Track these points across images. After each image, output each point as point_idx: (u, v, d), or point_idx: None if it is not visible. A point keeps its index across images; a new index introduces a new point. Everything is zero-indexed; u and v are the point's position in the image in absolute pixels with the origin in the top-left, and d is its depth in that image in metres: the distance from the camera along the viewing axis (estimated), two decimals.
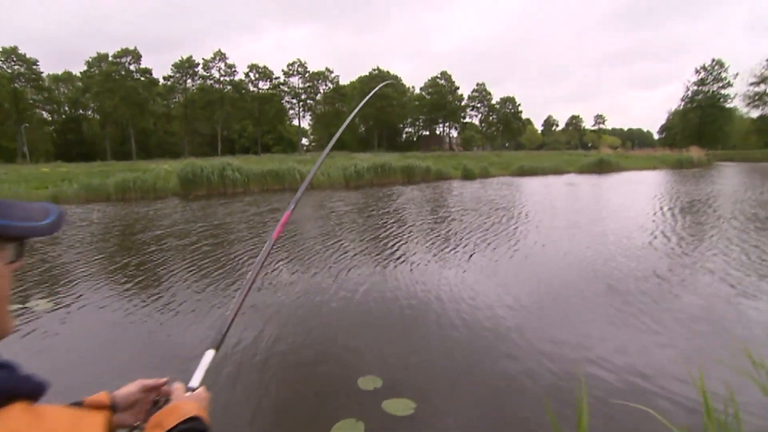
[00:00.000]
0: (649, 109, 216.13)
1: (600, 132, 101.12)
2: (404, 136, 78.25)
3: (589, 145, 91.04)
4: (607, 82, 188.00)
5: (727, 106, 59.48)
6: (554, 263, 5.83)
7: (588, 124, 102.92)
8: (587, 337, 3.53)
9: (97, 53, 53.65)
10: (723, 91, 58.91)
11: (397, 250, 6.72)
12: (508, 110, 75.54)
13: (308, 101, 65.45)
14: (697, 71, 60.63)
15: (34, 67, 52.26)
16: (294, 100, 65.15)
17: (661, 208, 10.64)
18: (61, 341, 3.71)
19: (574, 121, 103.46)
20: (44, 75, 54.80)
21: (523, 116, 79.00)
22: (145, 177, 15.70)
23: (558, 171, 26.28)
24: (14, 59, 50.64)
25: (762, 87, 54.29)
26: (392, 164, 20.23)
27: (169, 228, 8.98)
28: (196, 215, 10.81)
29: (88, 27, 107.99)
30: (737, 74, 57.34)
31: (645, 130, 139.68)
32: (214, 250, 6.91)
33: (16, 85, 50.42)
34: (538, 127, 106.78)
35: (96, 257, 6.72)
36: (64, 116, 59.76)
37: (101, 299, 4.72)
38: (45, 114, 57.57)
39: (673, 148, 45.38)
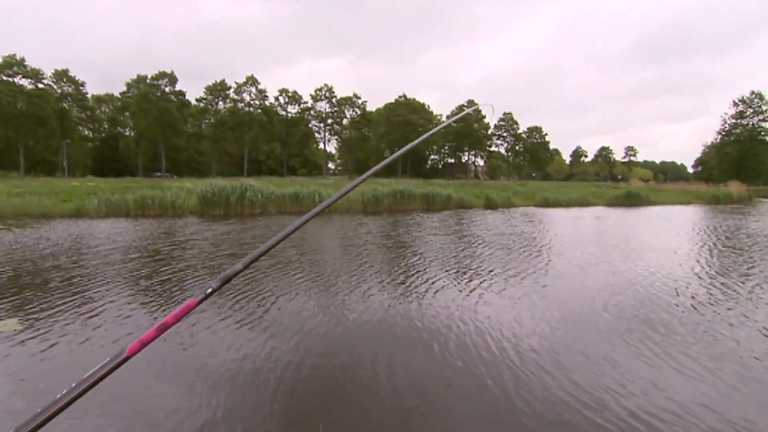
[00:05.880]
0: (679, 142, 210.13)
1: (631, 164, 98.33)
2: (429, 163, 78.28)
3: (620, 177, 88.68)
4: (634, 115, 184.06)
5: None
6: (575, 298, 5.21)
7: (619, 156, 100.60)
8: (617, 378, 2.95)
9: (137, 75, 56.67)
10: (764, 124, 56.58)
11: (400, 280, 6.25)
12: (535, 140, 74.76)
13: (335, 126, 66.64)
14: (735, 104, 58.66)
15: (81, 88, 55.61)
16: (321, 124, 66.48)
17: (704, 245, 9.79)
18: None
19: (604, 153, 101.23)
20: (89, 96, 58.14)
21: (551, 147, 77.98)
22: (165, 195, 15.88)
23: (584, 203, 25.29)
24: (64, 81, 54.09)
25: None
26: (412, 191, 19.90)
27: (149, 244, 8.82)
28: (189, 232, 10.67)
29: (134, 55, 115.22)
30: None
31: (679, 163, 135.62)
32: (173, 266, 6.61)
33: (63, 104, 53.67)
34: (567, 158, 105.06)
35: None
36: (103, 134, 62.91)
37: None
38: (86, 131, 60.81)
39: (709, 183, 43.44)
